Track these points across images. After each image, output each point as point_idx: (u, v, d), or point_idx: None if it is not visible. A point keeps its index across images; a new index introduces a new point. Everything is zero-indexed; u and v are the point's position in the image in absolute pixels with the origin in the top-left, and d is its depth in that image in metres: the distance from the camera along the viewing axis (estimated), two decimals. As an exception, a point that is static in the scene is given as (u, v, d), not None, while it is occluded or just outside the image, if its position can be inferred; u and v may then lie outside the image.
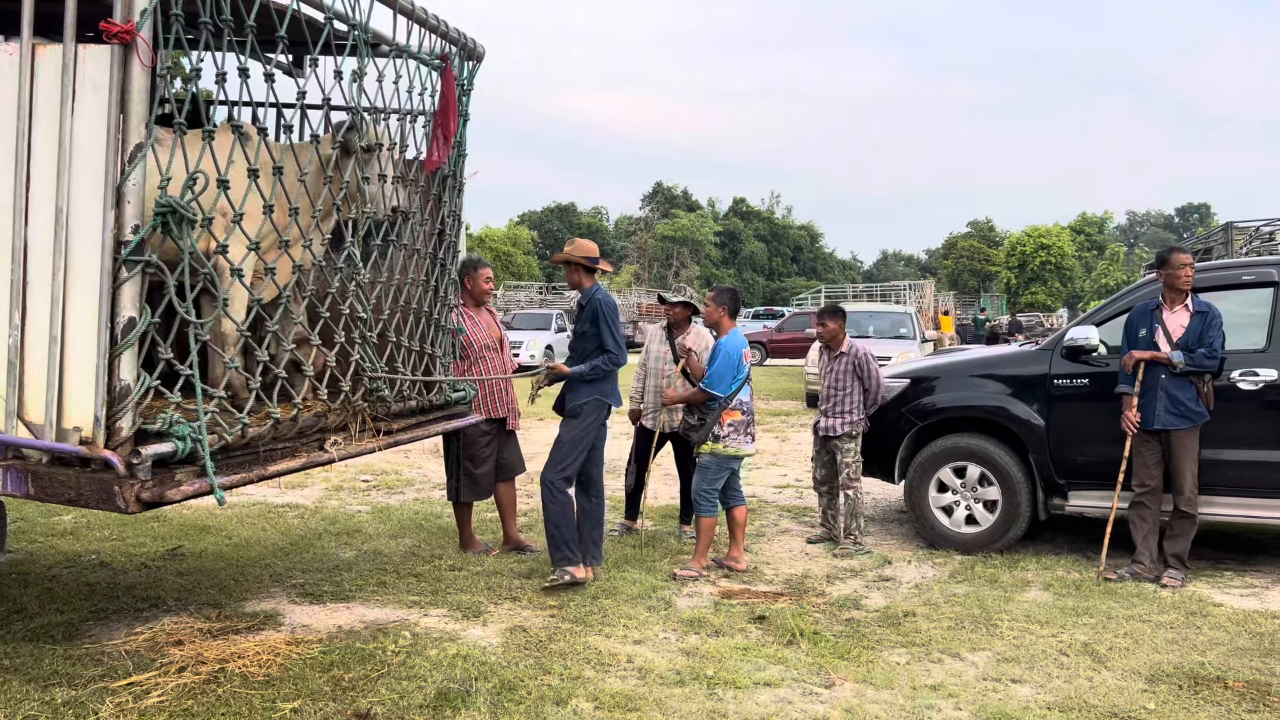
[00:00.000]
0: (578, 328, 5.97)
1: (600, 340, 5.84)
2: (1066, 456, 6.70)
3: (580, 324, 5.94)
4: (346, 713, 3.88)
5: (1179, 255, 6.18)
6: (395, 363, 4.92)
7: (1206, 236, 16.68)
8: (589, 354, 5.87)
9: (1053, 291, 63.67)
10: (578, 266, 5.96)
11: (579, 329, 5.95)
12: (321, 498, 8.39)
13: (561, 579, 5.64)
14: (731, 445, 6.23)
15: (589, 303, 5.92)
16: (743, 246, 78.85)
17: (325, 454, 4.36)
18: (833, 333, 7.08)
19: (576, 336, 5.98)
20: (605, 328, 5.84)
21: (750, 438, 6.35)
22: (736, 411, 6.23)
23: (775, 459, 11.21)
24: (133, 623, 4.93)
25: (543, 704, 4.05)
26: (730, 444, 6.22)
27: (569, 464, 5.79)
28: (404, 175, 4.99)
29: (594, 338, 5.86)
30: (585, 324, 5.91)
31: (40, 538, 6.65)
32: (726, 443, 6.21)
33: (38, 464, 3.53)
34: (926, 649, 4.86)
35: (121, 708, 3.87)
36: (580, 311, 5.95)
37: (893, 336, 17.17)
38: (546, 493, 5.74)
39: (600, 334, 5.85)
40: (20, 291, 3.46)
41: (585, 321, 5.91)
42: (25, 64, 3.44)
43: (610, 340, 5.84)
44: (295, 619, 5.09)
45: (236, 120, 3.96)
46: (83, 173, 3.37)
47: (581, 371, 5.82)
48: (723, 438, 6.19)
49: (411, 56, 4.89)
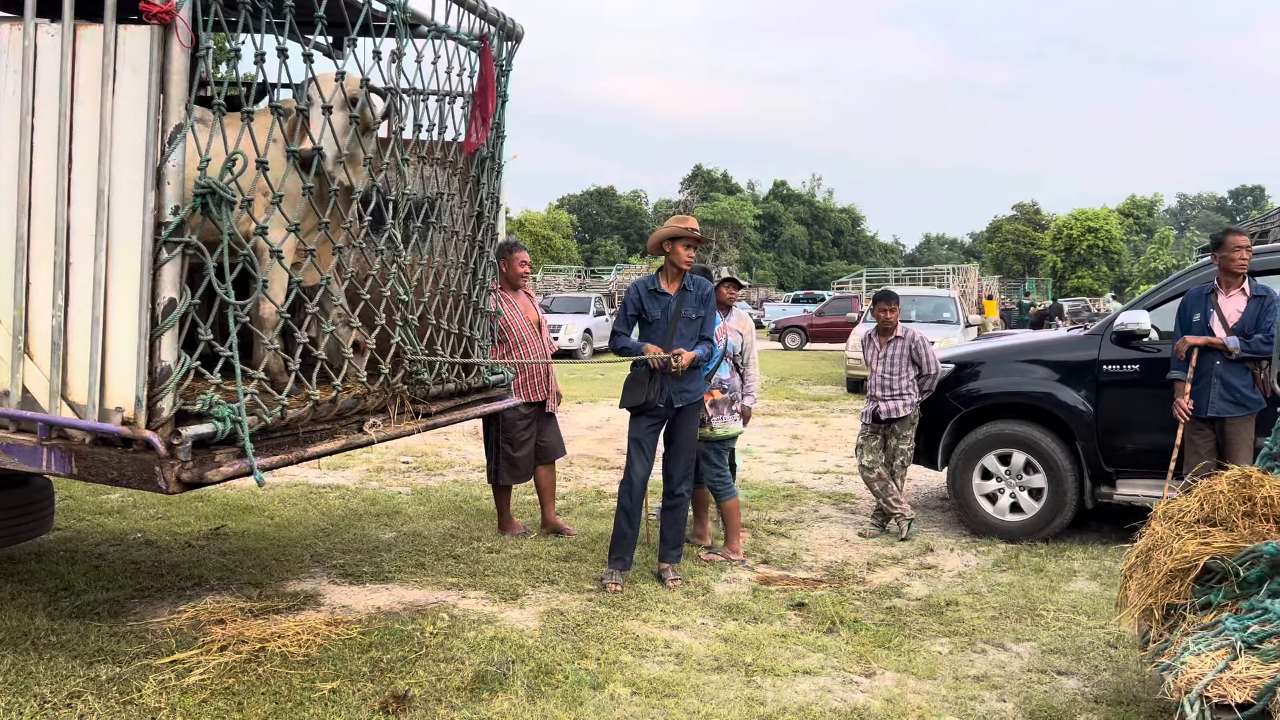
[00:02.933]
0: (689, 312, 5.55)
1: (704, 329, 5.62)
2: (1115, 444, 6.56)
3: (689, 308, 5.56)
4: (385, 694, 3.90)
5: (1235, 238, 5.99)
6: (434, 345, 4.92)
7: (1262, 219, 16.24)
8: (688, 342, 5.55)
9: (1100, 276, 62.44)
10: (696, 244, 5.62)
11: (690, 313, 5.55)
12: (362, 479, 8.45)
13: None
14: (719, 427, 6.14)
15: (697, 287, 5.61)
16: (783, 230, 78.35)
17: (364, 436, 4.36)
18: (892, 319, 6.98)
19: (685, 322, 5.54)
20: (711, 315, 5.67)
21: (736, 415, 6.29)
22: (716, 390, 6.15)
23: (815, 445, 11.11)
24: (176, 601, 5.00)
25: (580, 688, 4.03)
26: (718, 425, 6.12)
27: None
28: (440, 157, 4.96)
29: (697, 324, 5.59)
30: (696, 308, 5.57)
31: (87, 516, 6.77)
32: (713, 425, 6.11)
33: (81, 444, 3.55)
34: (970, 639, 4.78)
35: (164, 685, 3.91)
36: (685, 295, 5.60)
37: (935, 321, 16.91)
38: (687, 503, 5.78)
39: (706, 321, 5.63)
40: (63, 273, 3.49)
41: (699, 306, 5.58)
42: (67, 46, 3.45)
43: (712, 329, 5.70)
44: (335, 599, 5.12)
45: (276, 101, 3.95)
46: (123, 154, 3.37)
47: (699, 357, 5.56)
48: (709, 421, 6.08)
49: (450, 37, 4.85)
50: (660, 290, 5.59)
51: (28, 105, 3.52)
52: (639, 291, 5.61)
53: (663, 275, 5.63)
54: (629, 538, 5.54)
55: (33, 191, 3.53)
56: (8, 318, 3.59)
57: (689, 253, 5.55)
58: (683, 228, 5.56)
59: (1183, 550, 3.70)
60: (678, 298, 5.56)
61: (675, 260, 5.56)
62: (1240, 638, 3.16)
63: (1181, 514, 3.92)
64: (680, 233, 5.53)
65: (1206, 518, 3.83)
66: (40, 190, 3.52)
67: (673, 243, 5.55)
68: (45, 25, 3.53)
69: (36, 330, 3.55)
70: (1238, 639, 3.15)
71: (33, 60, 3.51)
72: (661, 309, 5.56)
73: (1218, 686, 2.96)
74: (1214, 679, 2.98)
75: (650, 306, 5.56)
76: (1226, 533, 3.73)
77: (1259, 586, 3.45)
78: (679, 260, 5.55)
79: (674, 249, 5.55)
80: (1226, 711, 2.89)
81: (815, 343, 28.60)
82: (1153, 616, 3.72)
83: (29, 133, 3.52)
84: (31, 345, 3.57)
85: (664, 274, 5.63)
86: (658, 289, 5.59)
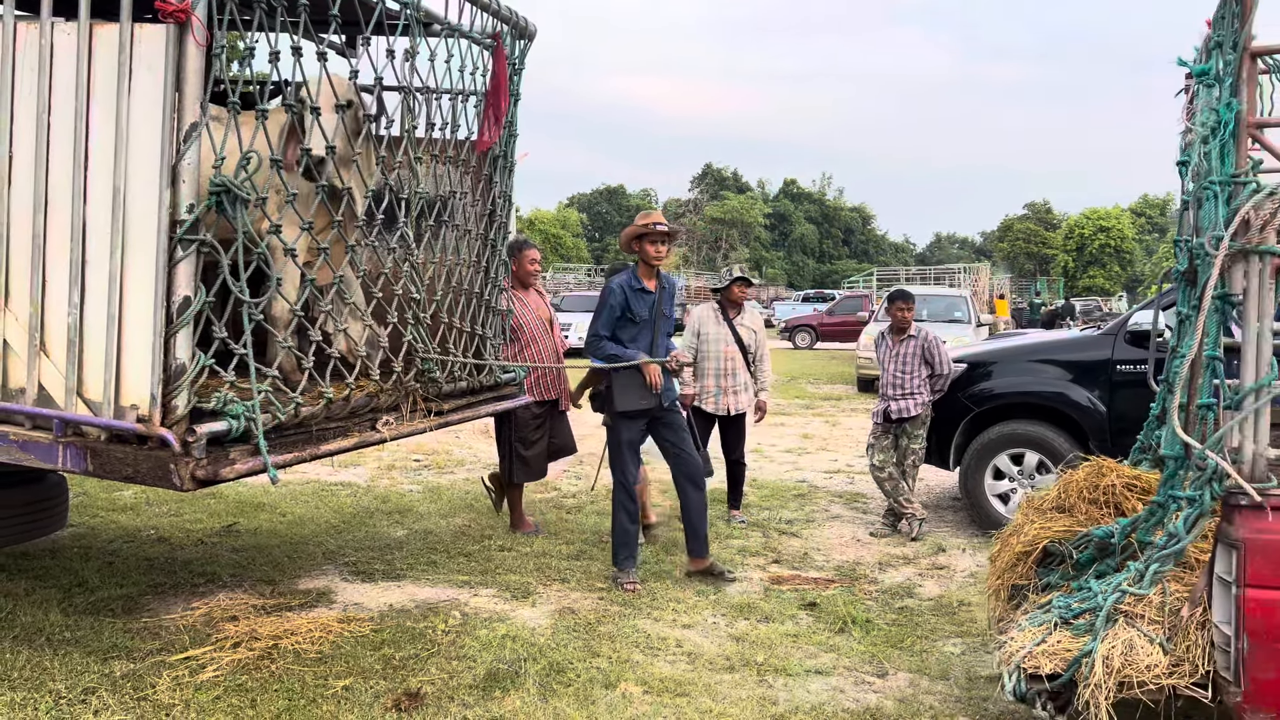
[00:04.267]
0: (667, 309, 5.64)
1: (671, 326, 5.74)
2: (1129, 444, 6.51)
3: (667, 305, 5.65)
4: (397, 691, 3.90)
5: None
6: (447, 344, 4.92)
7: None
8: (667, 338, 5.71)
9: (1112, 275, 62.16)
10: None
11: (667, 310, 5.64)
12: (373, 476, 8.47)
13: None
14: None
15: (669, 284, 5.71)
16: (793, 229, 78.20)
17: (377, 434, 4.37)
18: (908, 318, 6.97)
19: (664, 319, 5.62)
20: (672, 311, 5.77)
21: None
22: None
23: (826, 444, 11.09)
24: (189, 598, 5.01)
25: (592, 686, 4.03)
26: None
27: None
28: (455, 156, 4.97)
29: (670, 321, 5.71)
30: (669, 304, 5.68)
31: (101, 512, 6.80)
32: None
33: (96, 441, 3.57)
34: (982, 639, 4.76)
35: (178, 681, 3.92)
36: (662, 292, 5.63)
37: (947, 320, 16.85)
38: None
39: (671, 318, 5.75)
40: (79, 270, 3.50)
41: (670, 301, 5.69)
42: (83, 44, 3.46)
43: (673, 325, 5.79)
44: (347, 597, 5.13)
45: (290, 100, 3.96)
46: (139, 152, 3.38)
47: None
48: None
49: (463, 35, 4.85)
50: (644, 288, 5.61)
51: (44, 104, 3.53)
52: (624, 291, 5.58)
53: (641, 273, 5.65)
54: (633, 534, 5.59)
55: (49, 189, 3.55)
56: (24, 315, 3.61)
57: (656, 249, 5.58)
58: (644, 225, 5.60)
59: (1026, 535, 3.97)
60: (657, 295, 5.62)
61: (644, 257, 5.61)
62: (1060, 614, 3.38)
63: (1041, 501, 4.18)
64: (642, 230, 5.58)
65: (1059, 505, 4.08)
66: (56, 188, 3.53)
67: (639, 241, 5.60)
68: (61, 24, 3.54)
69: (52, 327, 3.57)
70: (1057, 616, 3.38)
71: (49, 59, 3.52)
72: (647, 307, 5.59)
73: (1032, 659, 3.20)
74: (1030, 651, 3.22)
75: (637, 305, 5.57)
76: (1069, 518, 3.97)
77: (1089, 568, 3.67)
78: (648, 257, 5.59)
79: (641, 247, 5.60)
80: (1038, 681, 3.15)
81: (825, 342, 28.54)
82: (999, 597, 3.99)
83: (45, 131, 3.54)
84: (47, 342, 3.58)
85: (641, 271, 5.65)
86: (642, 287, 5.61)
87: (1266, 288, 2.85)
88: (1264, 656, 2.76)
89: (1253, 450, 2.89)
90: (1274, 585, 2.76)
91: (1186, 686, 2.97)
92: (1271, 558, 2.77)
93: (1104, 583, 3.42)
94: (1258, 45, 2.99)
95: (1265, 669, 2.76)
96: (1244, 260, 2.86)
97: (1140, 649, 3.05)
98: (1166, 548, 3.18)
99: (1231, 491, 2.88)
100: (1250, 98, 2.95)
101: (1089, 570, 3.68)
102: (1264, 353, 2.86)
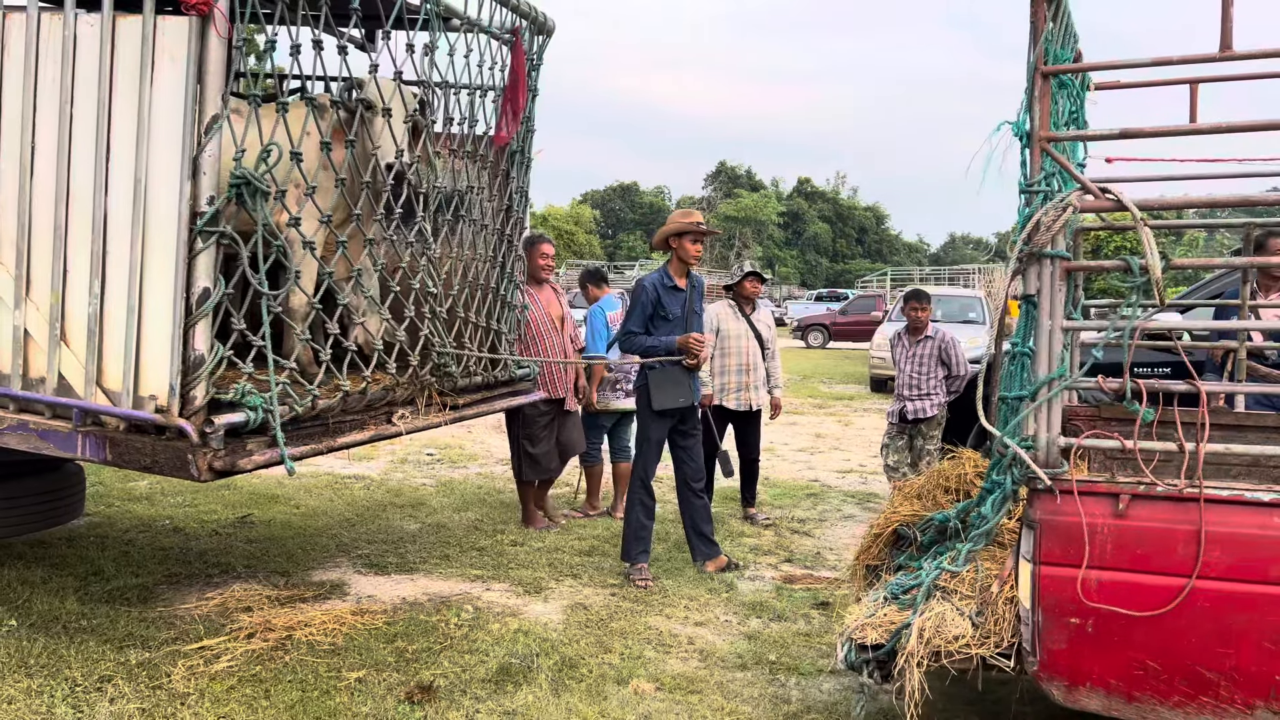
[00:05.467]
0: (697, 307, 5.69)
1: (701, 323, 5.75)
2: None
3: (697, 303, 5.70)
4: (410, 684, 3.92)
5: (1277, 240, 5.89)
6: (462, 338, 4.93)
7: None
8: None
9: (1127, 277, 61.77)
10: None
11: (698, 308, 5.70)
12: (387, 470, 8.50)
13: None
14: (603, 401, 6.80)
15: (699, 281, 5.75)
16: (806, 227, 77.97)
17: (392, 427, 4.38)
18: (924, 318, 6.95)
19: (695, 316, 5.65)
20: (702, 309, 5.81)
21: (622, 393, 6.80)
22: (603, 369, 6.62)
23: (839, 443, 11.06)
24: (204, 588, 5.04)
25: (604, 682, 4.04)
26: (602, 400, 6.80)
27: None
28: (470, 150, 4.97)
29: (699, 318, 5.73)
30: (699, 302, 5.73)
31: (117, 502, 6.84)
32: (604, 401, 6.79)
33: (115, 430, 3.59)
34: (995, 641, 4.74)
35: (193, 671, 3.95)
36: (693, 291, 5.65)
37: (961, 321, 16.78)
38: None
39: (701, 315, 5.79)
40: (100, 261, 3.52)
41: (700, 299, 5.75)
42: (106, 36, 3.48)
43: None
44: (361, 589, 5.15)
45: (310, 93, 3.97)
46: (160, 144, 3.41)
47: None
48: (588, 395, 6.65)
49: (482, 30, 4.86)
50: (675, 286, 5.59)
51: (67, 95, 3.56)
52: (656, 290, 5.56)
53: (673, 270, 5.62)
54: (649, 529, 5.59)
55: (71, 180, 3.57)
56: (45, 305, 3.64)
57: (696, 247, 5.57)
58: (688, 223, 5.56)
59: (882, 518, 4.21)
60: (689, 293, 5.59)
61: (684, 256, 5.58)
62: (890, 590, 3.59)
63: (909, 489, 4.40)
64: (686, 228, 5.54)
65: (919, 493, 4.30)
66: (78, 179, 3.56)
67: (679, 238, 5.57)
68: (85, 16, 3.57)
69: (73, 318, 3.60)
70: (888, 591, 3.59)
71: (72, 50, 3.55)
72: (679, 304, 5.55)
73: (861, 630, 3.39)
74: (861, 624, 3.42)
75: (669, 303, 5.54)
76: (922, 504, 4.18)
77: (930, 549, 3.83)
78: (687, 255, 5.58)
79: (681, 244, 5.57)
80: (865, 651, 3.35)
81: (838, 340, 28.47)
82: (857, 576, 4.25)
83: (68, 122, 3.56)
84: (68, 332, 3.61)
85: (674, 269, 5.62)
86: (674, 285, 5.59)
87: (1057, 288, 3.08)
88: (1056, 629, 2.97)
89: (1046, 438, 3.08)
90: (1063, 563, 2.96)
91: (991, 656, 3.15)
92: (1061, 537, 2.97)
93: (933, 562, 3.62)
94: (1046, 68, 3.25)
95: (1057, 640, 2.97)
96: (1037, 263, 3.09)
97: (951, 622, 3.24)
98: (977, 528, 3.41)
99: (1030, 477, 3.06)
100: (1045, 113, 3.19)
101: (929, 551, 3.86)
102: (1054, 348, 3.07)
